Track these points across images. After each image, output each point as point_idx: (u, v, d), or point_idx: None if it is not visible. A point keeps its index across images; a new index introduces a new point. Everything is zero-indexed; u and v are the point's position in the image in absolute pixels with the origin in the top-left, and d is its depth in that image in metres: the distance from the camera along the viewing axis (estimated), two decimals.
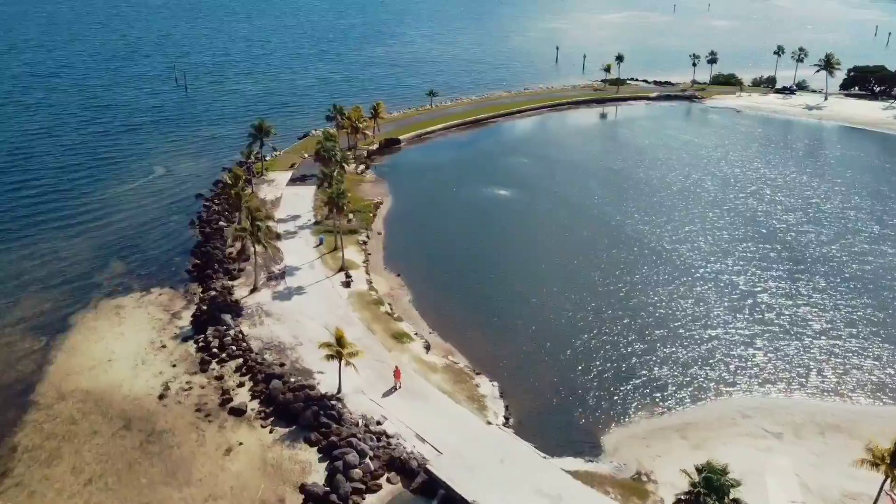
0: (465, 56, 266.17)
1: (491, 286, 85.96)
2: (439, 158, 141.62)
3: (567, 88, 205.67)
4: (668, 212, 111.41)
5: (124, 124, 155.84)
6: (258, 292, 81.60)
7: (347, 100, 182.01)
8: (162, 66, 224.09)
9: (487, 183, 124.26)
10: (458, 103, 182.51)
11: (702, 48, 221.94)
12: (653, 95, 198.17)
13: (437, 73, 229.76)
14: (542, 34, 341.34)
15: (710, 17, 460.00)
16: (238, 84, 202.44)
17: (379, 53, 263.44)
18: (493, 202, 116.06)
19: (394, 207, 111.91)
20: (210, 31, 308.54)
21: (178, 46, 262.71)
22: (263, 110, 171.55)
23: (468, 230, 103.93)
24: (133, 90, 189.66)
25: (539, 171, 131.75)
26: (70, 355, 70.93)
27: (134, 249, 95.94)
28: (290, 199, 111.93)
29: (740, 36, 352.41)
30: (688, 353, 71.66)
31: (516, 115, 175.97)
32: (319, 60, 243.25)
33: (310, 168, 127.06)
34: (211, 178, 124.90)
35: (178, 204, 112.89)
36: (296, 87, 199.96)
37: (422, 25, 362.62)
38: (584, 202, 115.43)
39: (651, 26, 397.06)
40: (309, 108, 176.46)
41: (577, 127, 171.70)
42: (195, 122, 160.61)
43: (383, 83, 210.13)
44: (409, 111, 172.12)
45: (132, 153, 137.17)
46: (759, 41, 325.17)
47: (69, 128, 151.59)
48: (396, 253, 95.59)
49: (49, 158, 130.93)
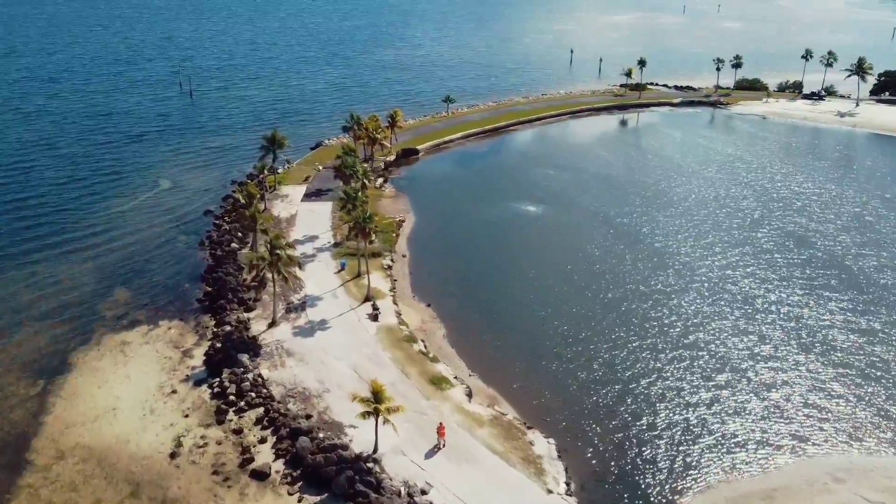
0: (477, 59, 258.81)
1: (531, 319, 78.47)
2: (460, 170, 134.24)
3: (586, 93, 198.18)
4: (712, 232, 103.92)
5: (128, 133, 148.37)
6: (277, 327, 74.11)
7: (360, 107, 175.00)
8: (166, 70, 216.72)
9: (515, 197, 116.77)
10: (475, 110, 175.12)
11: (718, 51, 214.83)
12: (676, 101, 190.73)
13: (450, 77, 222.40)
14: (552, 36, 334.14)
15: (721, 18, 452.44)
16: (245, 89, 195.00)
17: (388, 57, 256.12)
18: (523, 219, 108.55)
19: (417, 226, 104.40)
20: (214, 33, 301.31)
21: (181, 49, 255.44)
22: (273, 118, 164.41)
23: (500, 251, 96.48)
24: (136, 96, 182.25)
25: (568, 185, 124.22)
26: (70, 403, 63.45)
27: (139, 274, 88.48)
28: (306, 217, 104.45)
29: (757, 38, 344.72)
30: (760, 402, 64.13)
31: (536, 123, 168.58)
32: (328, 64, 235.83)
33: (325, 181, 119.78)
34: (220, 192, 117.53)
35: (186, 222, 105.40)
36: (305, 93, 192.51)
37: (429, 27, 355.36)
38: (621, 220, 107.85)
39: (663, 28, 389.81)
40: (320, 116, 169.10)
41: (602, 135, 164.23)
42: (202, 131, 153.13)
43: (395, 88, 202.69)
44: (424, 118, 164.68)
45: (136, 165, 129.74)
46: (777, 44, 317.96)
47: (70, 137, 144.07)
48: (424, 278, 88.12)
49: (48, 172, 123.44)
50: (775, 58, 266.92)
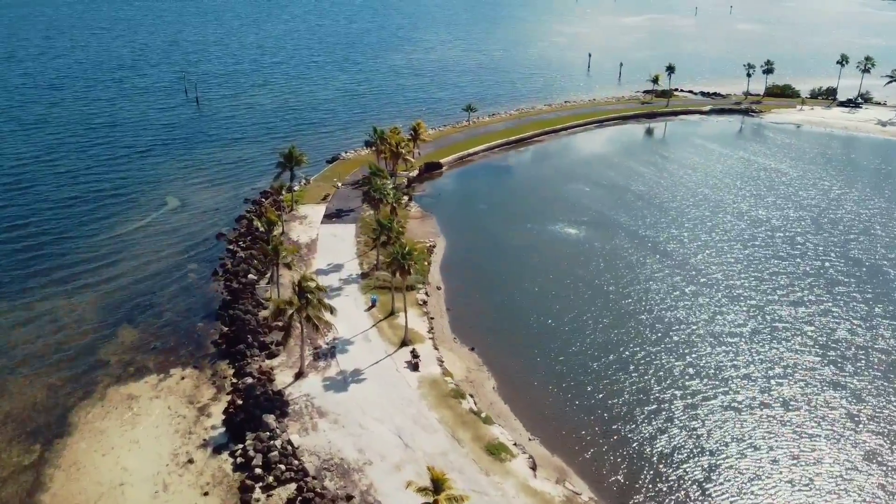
0: (492, 64, 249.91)
1: (590, 367, 69.71)
2: (487, 185, 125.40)
3: (611, 101, 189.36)
4: (774, 260, 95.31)
5: (132, 147, 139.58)
6: (305, 378, 65.42)
7: (375, 116, 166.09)
8: (170, 76, 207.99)
9: (550, 218, 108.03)
10: (496, 119, 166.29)
11: (738, 55, 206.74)
12: (706, 109, 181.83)
13: (466, 83, 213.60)
14: (565, 39, 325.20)
15: (735, 20, 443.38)
16: (253, 97, 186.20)
17: (400, 61, 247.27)
18: (563, 243, 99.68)
19: (449, 252, 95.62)
20: (219, 36, 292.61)
21: (186, 54, 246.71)
22: (284, 129, 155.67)
23: (543, 282, 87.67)
24: (140, 104, 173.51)
25: (605, 203, 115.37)
26: (70, 476, 54.81)
27: (147, 310, 79.80)
28: (328, 242, 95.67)
29: (777, 41, 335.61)
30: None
31: (562, 133, 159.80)
32: (339, 70, 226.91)
33: (345, 200, 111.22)
34: (232, 211, 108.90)
35: (197, 248, 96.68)
36: (317, 101, 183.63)
37: (439, 30, 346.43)
38: (672, 248, 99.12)
39: (677, 30, 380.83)
40: (334, 126, 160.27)
41: (633, 146, 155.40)
42: (210, 143, 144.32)
43: (410, 96, 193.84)
44: (444, 128, 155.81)
45: (141, 182, 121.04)
46: (802, 47, 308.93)
47: (70, 151, 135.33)
48: (463, 315, 79.41)
49: (48, 191, 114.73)
50: (803, 62, 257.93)
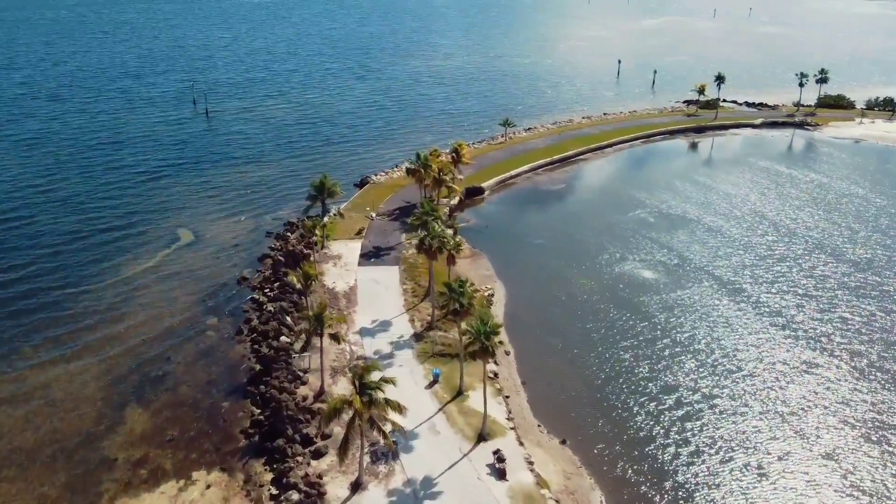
0: (517, 72, 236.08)
1: (716, 463, 56.01)
2: (538, 214, 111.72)
3: (653, 112, 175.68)
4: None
5: (138, 168, 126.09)
6: (364, 491, 51.60)
7: (400, 132, 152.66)
8: (177, 84, 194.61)
9: (618, 256, 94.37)
10: (534, 134, 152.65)
11: (774, 60, 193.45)
12: (757, 122, 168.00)
13: (492, 92, 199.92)
14: (587, 43, 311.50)
15: (757, 23, 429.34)
16: (267, 109, 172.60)
17: (419, 68, 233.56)
18: (639, 290, 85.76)
19: (511, 302, 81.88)
20: (226, 41, 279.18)
21: (192, 60, 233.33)
22: (303, 147, 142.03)
23: (633, 343, 73.99)
24: (146, 118, 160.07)
25: (677, 238, 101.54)
26: None
27: (160, 383, 66.30)
28: (369, 291, 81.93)
29: (810, 46, 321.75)
30: None
31: (608, 150, 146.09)
32: (356, 78, 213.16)
33: (382, 235, 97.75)
34: (254, 248, 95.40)
35: (216, 295, 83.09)
36: (336, 114, 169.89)
37: (455, 34, 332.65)
38: (772, 303, 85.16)
39: (699, 33, 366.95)
40: (357, 143, 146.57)
41: (687, 165, 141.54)
42: (223, 164, 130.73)
43: (436, 108, 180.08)
44: (480, 146, 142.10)
45: (149, 211, 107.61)
46: (837, 52, 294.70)
47: (70, 174, 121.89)
48: (543, 390, 65.89)
49: (43, 224, 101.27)
50: (845, 69, 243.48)
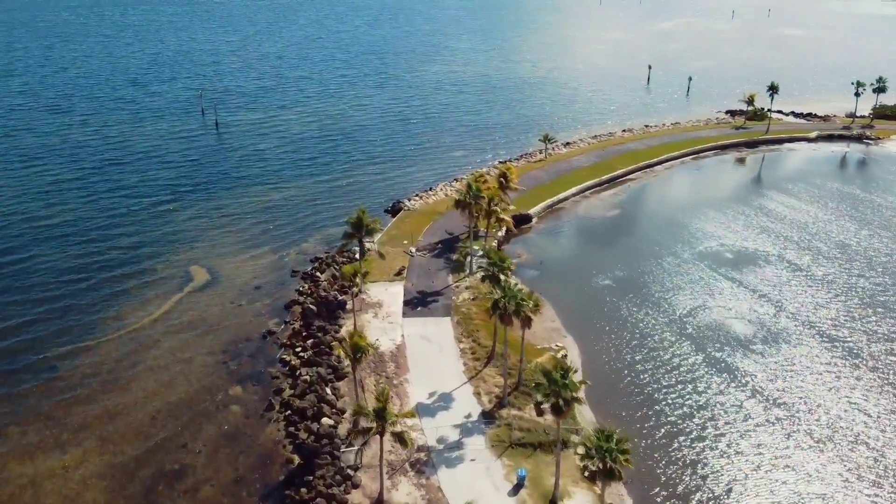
0: (540, 77, 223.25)
1: None
2: (598, 247, 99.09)
3: (698, 124, 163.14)
4: None
5: (143, 191, 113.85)
6: None
7: (429, 148, 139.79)
8: (184, 93, 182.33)
9: (699, 303, 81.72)
10: (576, 149, 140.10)
11: (806, 64, 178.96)
12: (812, 136, 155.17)
13: (520, 101, 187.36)
14: (609, 47, 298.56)
15: (778, 24, 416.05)
16: (281, 121, 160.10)
17: (439, 74, 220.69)
18: (736, 349, 73.16)
19: (589, 366, 69.24)
20: (233, 46, 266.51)
21: (199, 66, 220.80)
22: (324, 165, 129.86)
23: (744, 423, 61.24)
24: (153, 130, 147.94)
25: (762, 280, 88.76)
26: None
27: (176, 483, 54.13)
28: (421, 353, 69.45)
29: (840, 50, 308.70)
30: None
31: (657, 168, 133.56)
32: (375, 86, 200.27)
33: (425, 274, 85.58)
34: (279, 292, 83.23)
35: (239, 355, 70.80)
36: (356, 127, 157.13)
37: (472, 38, 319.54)
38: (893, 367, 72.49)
39: (721, 36, 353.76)
40: (384, 160, 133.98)
41: (748, 186, 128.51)
42: (236, 185, 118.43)
43: (463, 119, 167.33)
44: (518, 163, 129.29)
45: (158, 243, 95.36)
46: (871, 56, 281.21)
47: (69, 198, 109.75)
48: (652, 499, 53.01)
49: (38, 261, 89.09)
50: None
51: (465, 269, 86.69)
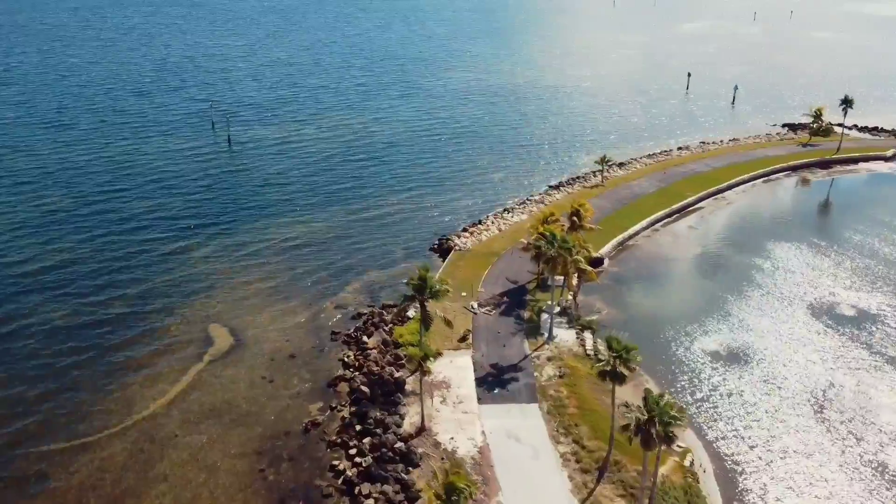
0: (573, 84, 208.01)
1: None
2: (685, 299, 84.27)
3: (760, 140, 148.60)
4: None
5: (150, 226, 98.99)
6: None
7: (468, 173, 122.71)
8: (193, 104, 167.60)
9: (853, 386, 66.81)
10: (632, 171, 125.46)
11: (848, 72, 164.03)
12: (889, 154, 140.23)
13: (555, 113, 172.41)
14: (635, 52, 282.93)
15: (805, 27, 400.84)
16: (298, 136, 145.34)
17: (465, 83, 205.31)
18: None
19: (726, 475, 54.22)
20: (242, 51, 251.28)
21: (207, 73, 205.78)
22: (352, 191, 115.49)
23: None
24: (159, 149, 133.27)
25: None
26: None
27: None
28: (510, 460, 54.74)
29: (877, 54, 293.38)
30: None
31: (727, 193, 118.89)
32: (398, 97, 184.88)
33: (495, 339, 71.17)
34: (318, 363, 69.09)
35: (277, 462, 56.08)
36: (383, 145, 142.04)
37: (492, 42, 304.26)
38: None
39: (748, 39, 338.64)
40: (419, 186, 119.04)
41: (842, 219, 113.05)
42: (257, 216, 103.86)
43: (498, 135, 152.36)
44: (573, 191, 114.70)
45: (168, 294, 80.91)
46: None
47: (68, 236, 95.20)
48: None
49: (22, 320, 74.27)
50: None
51: (542, 333, 71.93)
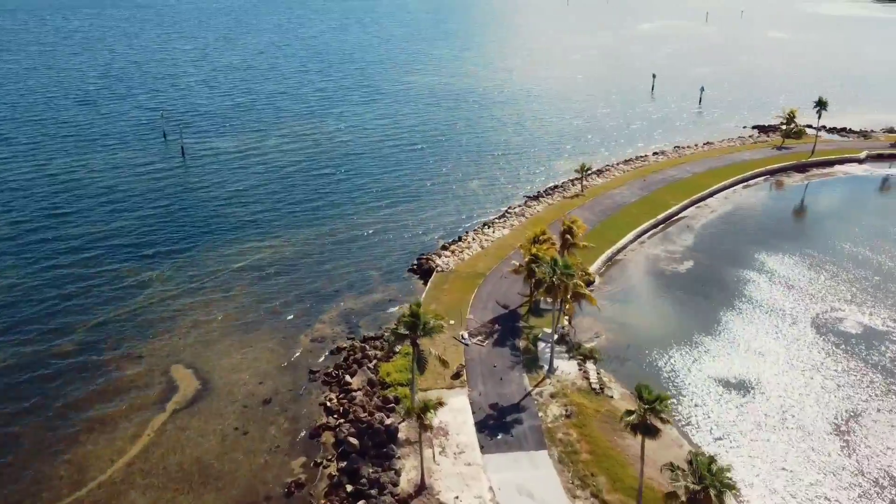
0: (540, 87, 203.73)
1: None
2: (685, 321, 79.32)
3: (734, 144, 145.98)
4: None
5: (99, 253, 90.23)
6: None
7: (442, 184, 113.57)
8: (142, 112, 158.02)
9: (861, 407, 62.86)
10: (611, 179, 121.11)
11: (809, 72, 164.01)
12: (862, 156, 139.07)
13: (528, 118, 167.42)
14: (598, 53, 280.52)
15: (760, 27, 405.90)
16: (258, 147, 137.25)
17: (428, 86, 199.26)
18: None
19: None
20: (193, 55, 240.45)
21: (156, 80, 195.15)
22: (319, 207, 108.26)
23: None
24: (106, 163, 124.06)
25: None
26: None
27: None
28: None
29: (842, 56, 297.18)
30: None
31: (710, 200, 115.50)
32: (361, 102, 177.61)
33: (490, 373, 65.22)
34: (296, 407, 62.53)
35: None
36: (349, 153, 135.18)
37: (451, 44, 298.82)
38: None
39: (704, 39, 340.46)
40: (390, 200, 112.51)
41: (830, 225, 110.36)
42: (217, 239, 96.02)
43: (468, 142, 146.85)
44: (553, 202, 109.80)
45: (123, 332, 72.81)
46: (870, 61, 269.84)
47: (2, 269, 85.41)
48: None
49: None
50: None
51: (542, 365, 66.30)
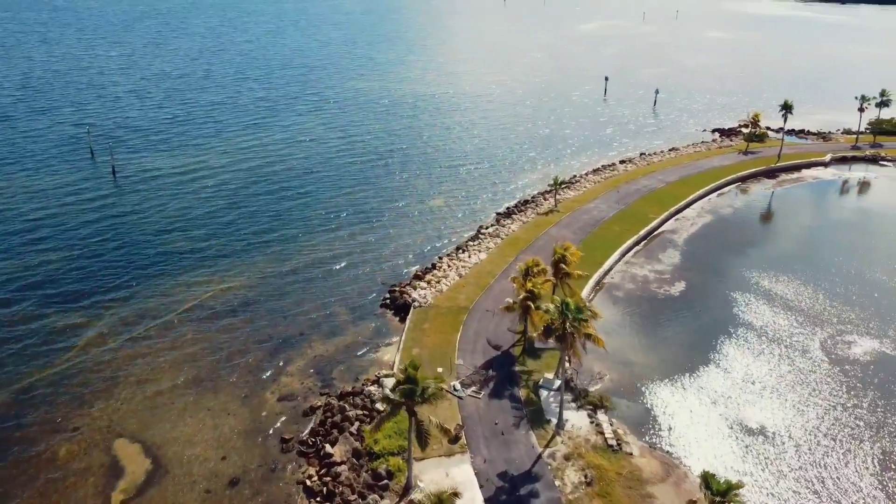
0: (491, 92, 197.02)
1: None
2: (684, 351, 72.81)
3: (700, 151, 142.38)
4: None
5: (15, 298, 77.83)
6: None
7: (405, 205, 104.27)
8: (66, 128, 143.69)
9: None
10: (583, 191, 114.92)
11: (759, 71, 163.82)
12: (827, 160, 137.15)
13: (487, 126, 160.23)
14: (544, 55, 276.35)
15: (701, 27, 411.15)
16: (198, 164, 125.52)
17: (376, 93, 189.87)
18: None
19: None
20: (120, 62, 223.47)
21: (80, 91, 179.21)
22: (271, 235, 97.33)
23: None
24: (24, 188, 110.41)
25: None
26: None
27: None
28: None
29: (789, 55, 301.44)
30: None
31: (687, 211, 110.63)
32: (307, 112, 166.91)
33: (493, 433, 57.71)
34: (271, 488, 52.89)
35: None
36: (299, 170, 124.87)
37: (393, 46, 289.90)
38: None
39: (648, 38, 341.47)
40: (351, 223, 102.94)
41: (820, 237, 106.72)
42: (157, 275, 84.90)
43: (429, 154, 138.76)
44: (528, 220, 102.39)
45: (50, 398, 61.74)
46: (815, 61, 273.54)
47: None
48: None
49: None
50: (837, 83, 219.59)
51: (548, 418, 58.41)
